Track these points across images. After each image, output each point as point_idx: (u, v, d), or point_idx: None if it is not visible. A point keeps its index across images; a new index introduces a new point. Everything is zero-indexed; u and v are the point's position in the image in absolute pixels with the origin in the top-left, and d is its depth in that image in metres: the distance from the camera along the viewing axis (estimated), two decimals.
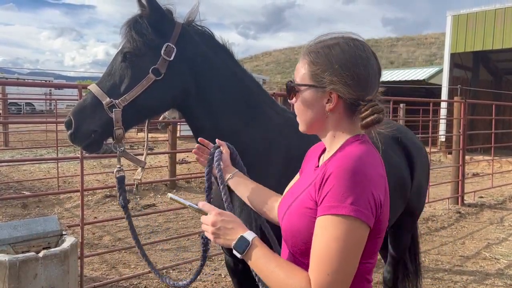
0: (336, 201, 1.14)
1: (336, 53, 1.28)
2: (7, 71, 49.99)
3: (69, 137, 1.99)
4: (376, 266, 5.00)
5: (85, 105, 1.98)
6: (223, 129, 2.07)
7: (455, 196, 8.27)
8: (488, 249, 5.80)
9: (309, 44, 1.36)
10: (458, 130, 8.38)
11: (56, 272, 3.12)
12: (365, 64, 1.28)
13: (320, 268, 1.14)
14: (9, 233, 3.26)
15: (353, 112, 1.30)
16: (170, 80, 2.02)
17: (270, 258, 1.24)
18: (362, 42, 1.32)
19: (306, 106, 1.34)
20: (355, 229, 1.13)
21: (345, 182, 1.15)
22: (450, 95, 16.45)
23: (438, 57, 37.47)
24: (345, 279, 1.15)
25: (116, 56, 2.06)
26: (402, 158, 2.94)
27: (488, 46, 16.20)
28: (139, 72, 1.99)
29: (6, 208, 7.21)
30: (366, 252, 1.21)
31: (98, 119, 1.96)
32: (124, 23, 2.05)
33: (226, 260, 2.65)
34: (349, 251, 1.13)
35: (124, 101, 1.95)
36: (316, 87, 1.30)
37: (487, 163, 12.98)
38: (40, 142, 14.29)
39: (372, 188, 1.17)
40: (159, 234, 6.02)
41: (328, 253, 1.13)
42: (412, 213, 3.15)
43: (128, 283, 4.42)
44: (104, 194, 8.08)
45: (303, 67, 1.35)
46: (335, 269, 1.12)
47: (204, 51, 2.11)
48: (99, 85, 2.00)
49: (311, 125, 1.37)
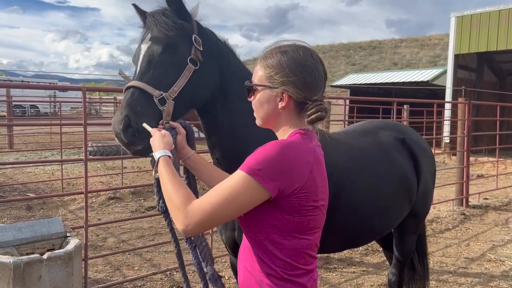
0: (252, 163, 1.38)
1: (287, 59, 1.49)
2: (12, 74, 50.22)
3: (128, 139, 1.83)
4: (380, 268, 5.00)
5: (135, 101, 1.86)
6: (235, 124, 2.13)
7: (460, 198, 8.24)
8: (493, 251, 5.77)
9: (266, 50, 1.58)
10: (462, 131, 8.35)
11: (60, 274, 3.13)
12: (311, 70, 1.50)
13: (209, 197, 1.39)
14: (14, 235, 3.28)
15: (301, 109, 1.52)
16: (205, 70, 2.04)
17: (169, 175, 1.53)
18: (310, 50, 1.55)
19: (262, 103, 1.55)
20: (249, 188, 1.36)
21: (266, 154, 1.38)
22: (454, 96, 16.41)
23: (442, 58, 37.35)
24: (217, 216, 1.38)
25: (150, 48, 1.99)
26: (407, 159, 2.93)
27: (492, 47, 16.14)
28: (180, 62, 1.96)
29: (10, 210, 7.24)
30: (300, 229, 1.44)
31: (152, 114, 1.87)
32: (155, 15, 2.01)
33: (231, 260, 2.65)
34: (235, 200, 1.37)
35: (173, 93, 1.91)
36: (270, 88, 1.51)
37: (491, 164, 12.93)
38: (45, 144, 14.31)
39: (288, 169, 1.38)
40: (163, 236, 6.02)
41: (221, 191, 1.38)
42: (417, 215, 3.13)
43: (132, 285, 4.42)
44: (108, 196, 8.09)
45: (260, 70, 1.56)
46: (216, 203, 1.37)
47: (220, 46, 2.18)
48: (142, 80, 1.91)
49: (266, 120, 1.57)
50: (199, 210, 1.38)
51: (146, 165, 10.77)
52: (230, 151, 2.17)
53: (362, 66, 43.38)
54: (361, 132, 2.96)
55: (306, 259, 1.48)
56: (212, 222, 1.40)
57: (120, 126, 1.81)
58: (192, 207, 1.39)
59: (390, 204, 2.72)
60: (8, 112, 14.19)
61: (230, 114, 2.14)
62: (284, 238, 1.44)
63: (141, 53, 2.01)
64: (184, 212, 1.39)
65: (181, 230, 1.41)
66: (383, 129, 3.02)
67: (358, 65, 44.30)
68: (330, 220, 1.67)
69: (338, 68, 43.98)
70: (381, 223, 2.70)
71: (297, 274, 1.47)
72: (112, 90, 6.53)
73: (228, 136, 2.15)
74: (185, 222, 1.39)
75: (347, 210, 2.42)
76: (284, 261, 1.45)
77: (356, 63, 45.69)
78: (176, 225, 1.44)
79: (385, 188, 2.68)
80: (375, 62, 44.33)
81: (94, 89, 24.78)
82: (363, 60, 46.50)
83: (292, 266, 1.45)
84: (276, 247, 1.45)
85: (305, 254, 1.48)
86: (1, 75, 45.39)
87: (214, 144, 2.19)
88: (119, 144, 1.92)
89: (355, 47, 51.89)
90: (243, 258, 1.59)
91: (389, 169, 2.75)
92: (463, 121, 8.32)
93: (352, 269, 5.05)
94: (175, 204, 1.43)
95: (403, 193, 2.82)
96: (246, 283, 1.54)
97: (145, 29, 2.08)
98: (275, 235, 1.44)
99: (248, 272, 1.53)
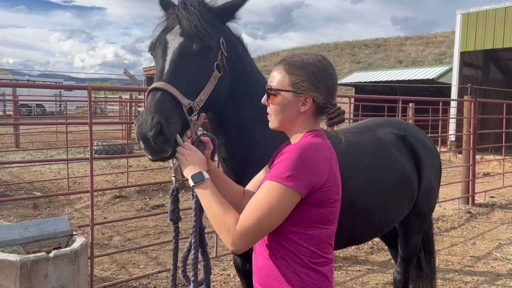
0: (279, 172, 1.47)
1: (313, 67, 1.59)
2: (18, 73, 50.53)
3: (160, 146, 1.65)
4: (386, 266, 4.99)
5: (166, 107, 1.69)
6: (244, 126, 2.11)
7: (466, 196, 8.20)
8: (499, 250, 5.74)
9: (285, 58, 1.65)
10: (468, 129, 8.30)
11: (66, 272, 3.15)
12: (332, 76, 1.62)
13: (249, 213, 1.47)
14: (20, 234, 3.30)
15: (319, 113, 1.63)
16: (226, 77, 1.94)
17: (215, 196, 1.57)
18: (328, 59, 1.66)
19: (284, 107, 1.61)
20: (284, 195, 1.45)
21: (290, 160, 1.47)
22: (460, 94, 16.31)
23: (447, 56, 37.14)
24: (262, 229, 1.47)
25: (182, 46, 1.80)
26: (407, 156, 2.92)
27: (499, 45, 16.02)
28: (208, 68, 1.83)
29: (17, 208, 7.29)
30: (323, 220, 1.54)
31: (181, 123, 1.73)
32: (188, 6, 1.80)
33: (234, 260, 2.66)
34: (274, 210, 1.46)
35: (200, 102, 1.79)
36: (295, 93, 1.58)
37: (498, 162, 12.85)
38: (50, 143, 14.39)
39: (311, 168, 1.47)
40: (168, 234, 6.04)
41: (259, 206, 1.47)
42: (421, 213, 3.12)
43: (138, 283, 4.44)
44: (113, 194, 8.13)
45: (280, 75, 1.62)
46: (259, 218, 1.45)
47: (241, 52, 2.12)
48: (172, 83, 1.73)
49: (284, 123, 1.64)
50: (244, 228, 1.46)
51: (151, 164, 10.79)
52: (237, 151, 2.15)
53: (367, 64, 43.24)
54: (360, 129, 2.96)
55: (328, 248, 1.59)
56: (259, 235, 1.50)
57: (151, 133, 1.63)
58: (238, 226, 1.47)
59: (389, 200, 2.71)
60: (14, 111, 14.29)
61: (240, 117, 2.10)
62: (308, 228, 1.53)
63: (169, 47, 1.81)
64: (233, 233, 1.47)
65: (232, 250, 1.51)
66: (384, 126, 3.02)
67: (363, 63, 44.16)
68: None
69: (343, 66, 43.86)
70: (380, 219, 2.69)
71: (321, 262, 1.55)
72: (117, 89, 6.56)
73: (236, 137, 2.13)
74: (235, 243, 1.47)
75: (345, 204, 2.40)
76: (309, 249, 1.53)
77: (361, 61, 45.54)
78: (226, 245, 1.51)
79: (383, 184, 2.67)
80: (380, 60, 44.16)
81: (100, 88, 24.80)
82: (368, 58, 46.34)
83: (317, 254, 1.54)
84: (300, 237, 1.53)
85: (327, 243, 1.58)
86: (7, 74, 45.68)
87: (221, 144, 2.16)
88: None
89: (360, 45, 51.72)
90: (261, 248, 1.63)
91: (386, 166, 2.74)
92: (469, 119, 8.27)
93: (358, 268, 5.04)
94: (226, 225, 1.49)
95: (403, 189, 2.81)
96: (266, 271, 1.59)
97: (169, 18, 1.89)
98: (299, 226, 1.52)
99: (268, 260, 1.59)
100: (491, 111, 16.89)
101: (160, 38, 1.86)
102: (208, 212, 1.57)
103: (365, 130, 2.94)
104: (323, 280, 1.55)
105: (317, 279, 1.54)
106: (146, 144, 1.67)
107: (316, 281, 1.54)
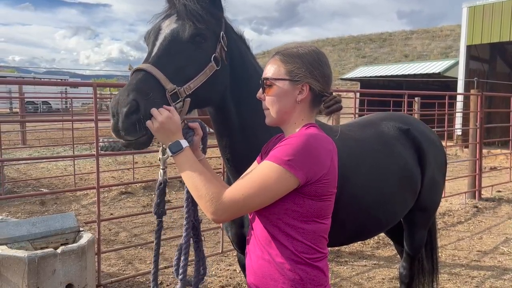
0: (281, 154, 1.45)
1: (307, 55, 1.59)
2: (24, 71, 50.82)
3: (127, 126, 1.55)
4: (391, 261, 4.99)
5: (145, 88, 1.60)
6: (247, 126, 2.07)
7: (472, 191, 8.16)
8: (506, 244, 5.72)
9: (279, 50, 1.64)
10: (474, 123, 8.25)
11: (74, 268, 3.18)
12: (327, 66, 1.63)
13: (240, 188, 1.47)
14: (28, 230, 3.33)
15: (316, 102, 1.62)
16: (224, 72, 1.90)
17: (195, 164, 1.54)
18: (320, 50, 1.67)
19: (281, 97, 1.59)
20: (281, 178, 1.43)
21: (294, 145, 1.45)
22: (466, 88, 16.20)
23: (454, 49, 36.90)
24: (248, 204, 1.46)
25: (174, 31, 1.76)
26: (411, 149, 2.89)
27: (505, 38, 15.87)
28: (203, 58, 1.77)
29: (24, 205, 7.35)
30: (320, 213, 1.53)
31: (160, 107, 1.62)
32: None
33: (238, 257, 2.66)
34: (267, 190, 1.44)
35: (188, 89, 1.70)
36: (291, 81, 1.57)
37: (504, 156, 12.76)
38: (57, 140, 14.49)
39: (314, 157, 1.46)
40: (174, 230, 6.07)
41: (253, 182, 1.46)
42: (425, 208, 3.09)
43: (145, 279, 4.47)
44: (120, 190, 8.17)
45: (275, 65, 1.61)
46: (249, 194, 1.44)
47: (244, 49, 2.08)
48: (157, 65, 1.66)
49: (281, 114, 1.60)
50: (231, 201, 1.45)
51: (157, 160, 10.82)
52: (242, 152, 2.12)
53: (373, 59, 43.02)
54: (363, 123, 2.94)
55: (323, 243, 1.59)
56: (243, 210, 1.49)
57: (124, 109, 1.54)
58: (224, 198, 1.45)
59: (392, 194, 2.69)
60: (20, 108, 14.35)
61: (244, 117, 2.07)
62: (305, 222, 1.52)
63: (161, 32, 1.78)
64: (217, 203, 1.45)
65: (212, 218, 1.48)
66: (387, 120, 3.00)
67: (368, 58, 43.94)
68: (335, 210, 1.66)
69: (348, 61, 43.66)
70: (385, 214, 2.68)
71: (317, 258, 1.55)
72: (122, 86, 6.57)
73: (240, 138, 2.09)
74: (217, 213, 1.46)
75: (348, 200, 2.39)
76: (306, 244, 1.52)
77: (367, 55, 45.33)
78: (205, 212, 1.49)
79: (385, 178, 2.65)
80: (386, 54, 43.94)
81: (105, 85, 25.02)
82: (373, 52, 46.12)
83: (313, 249, 1.54)
84: (297, 232, 1.51)
85: (322, 237, 1.58)
86: (13, 72, 45.91)
87: (225, 145, 2.13)
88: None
89: (365, 40, 51.47)
90: (255, 248, 1.60)
91: (388, 159, 2.72)
92: (476, 113, 8.22)
93: (363, 262, 5.04)
94: (209, 195, 1.46)
95: (406, 183, 2.79)
96: (262, 271, 1.57)
97: (168, 7, 1.86)
98: (296, 220, 1.51)
99: (265, 260, 1.56)
100: (498, 105, 16.74)
101: (155, 26, 1.84)
102: (188, 182, 1.52)
103: (368, 124, 2.92)
104: (320, 275, 1.56)
105: (314, 275, 1.54)
106: (114, 122, 1.56)
107: (314, 277, 1.54)
